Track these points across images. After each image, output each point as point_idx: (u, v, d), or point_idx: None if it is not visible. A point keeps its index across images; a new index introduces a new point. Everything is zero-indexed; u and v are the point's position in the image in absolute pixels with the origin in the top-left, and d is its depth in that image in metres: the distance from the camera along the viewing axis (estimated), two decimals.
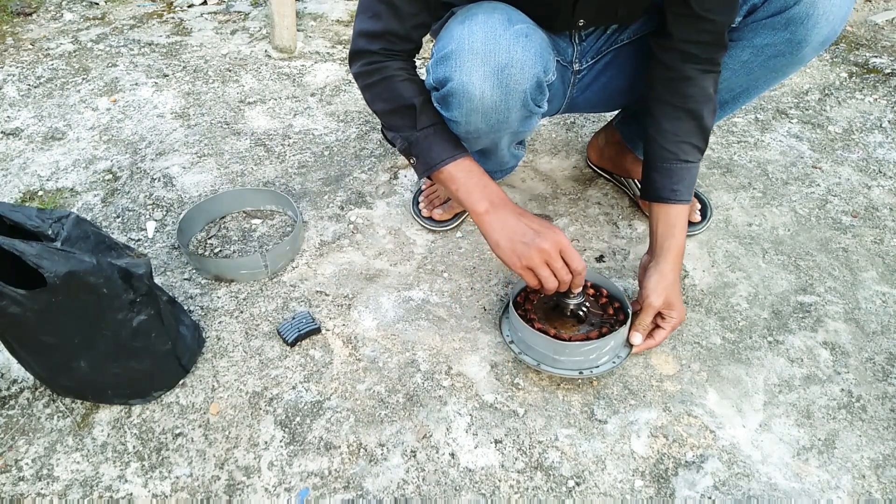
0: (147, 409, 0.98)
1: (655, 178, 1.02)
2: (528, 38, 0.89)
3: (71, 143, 1.62)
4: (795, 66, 0.99)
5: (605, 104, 1.23)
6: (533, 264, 0.90)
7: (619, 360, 0.98)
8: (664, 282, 0.99)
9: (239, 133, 1.65)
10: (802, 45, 0.95)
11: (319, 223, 1.34)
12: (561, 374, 0.97)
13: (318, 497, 0.87)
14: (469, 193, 0.93)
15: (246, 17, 2.34)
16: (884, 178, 1.44)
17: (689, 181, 1.01)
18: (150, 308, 0.92)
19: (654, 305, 0.99)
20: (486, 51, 0.87)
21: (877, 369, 1.02)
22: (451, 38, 0.89)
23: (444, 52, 0.89)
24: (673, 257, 1.01)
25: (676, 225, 1.01)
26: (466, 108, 0.91)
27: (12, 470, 0.90)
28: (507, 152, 1.16)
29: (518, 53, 0.87)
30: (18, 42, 2.16)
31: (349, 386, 1.01)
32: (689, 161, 1.01)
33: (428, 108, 0.94)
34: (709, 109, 0.99)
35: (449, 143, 0.95)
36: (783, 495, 0.86)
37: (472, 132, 0.97)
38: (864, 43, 2.03)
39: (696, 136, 1.00)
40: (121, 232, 1.33)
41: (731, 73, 1.04)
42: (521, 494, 0.87)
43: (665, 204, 1.02)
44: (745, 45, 0.99)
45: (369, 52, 0.94)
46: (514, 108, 0.93)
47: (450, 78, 0.89)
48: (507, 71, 0.87)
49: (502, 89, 0.89)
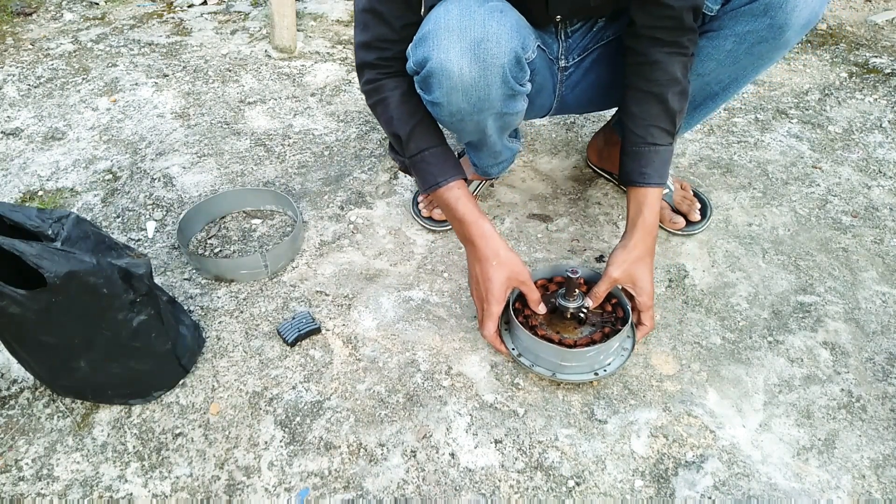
0: (147, 409, 0.98)
1: (626, 162, 1.04)
2: (504, 13, 0.90)
3: (71, 143, 1.62)
4: (780, 50, 0.99)
5: (597, 102, 1.23)
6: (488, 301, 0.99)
7: (625, 352, 1.00)
8: (628, 256, 1.00)
9: (239, 133, 1.65)
10: (784, 30, 0.95)
11: (319, 223, 1.34)
12: (579, 380, 0.97)
13: (318, 497, 0.87)
14: (452, 222, 1.03)
15: (246, 17, 2.34)
16: (884, 178, 1.44)
17: (658, 164, 1.01)
18: (150, 308, 0.92)
19: (611, 276, 1.00)
20: (462, 27, 0.88)
21: (877, 369, 1.02)
22: (428, 20, 0.91)
23: (421, 33, 0.92)
24: (641, 235, 1.01)
25: (645, 204, 1.02)
26: (447, 87, 0.92)
27: (12, 470, 0.90)
28: (500, 142, 1.16)
29: (493, 27, 0.88)
30: (18, 42, 2.16)
31: (349, 386, 1.01)
32: (657, 144, 1.01)
33: (415, 136, 1.00)
34: (674, 92, 0.99)
35: (436, 168, 1.01)
36: (783, 495, 0.86)
37: (456, 114, 0.97)
38: (864, 43, 2.03)
39: (664, 120, 1.00)
40: (121, 232, 1.33)
41: (716, 63, 1.04)
42: (521, 494, 0.87)
43: (636, 187, 1.02)
44: (727, 34, 0.99)
45: (369, 65, 1.00)
46: (493, 83, 0.93)
47: (428, 58, 0.90)
48: (484, 45, 0.88)
49: (480, 64, 0.89)
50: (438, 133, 1.03)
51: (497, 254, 0.97)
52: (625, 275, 1.00)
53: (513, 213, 1.35)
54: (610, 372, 0.97)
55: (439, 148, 1.01)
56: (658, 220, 1.04)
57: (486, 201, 1.39)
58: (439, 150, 1.01)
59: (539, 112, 1.21)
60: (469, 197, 1.00)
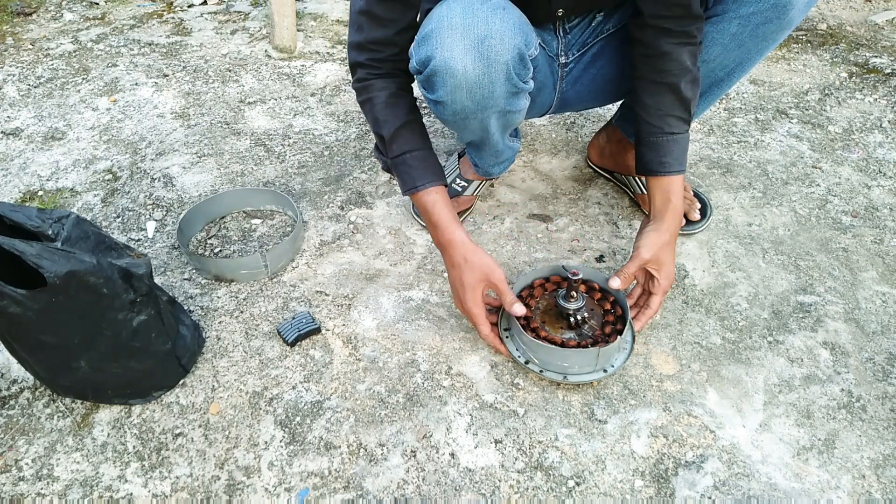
0: (147, 409, 0.98)
1: (644, 153, 1.04)
2: (506, 10, 0.90)
3: (71, 143, 1.62)
4: (785, 30, 1.00)
5: (598, 97, 1.23)
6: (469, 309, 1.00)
7: (628, 345, 1.01)
8: (659, 239, 1.01)
9: (239, 133, 1.65)
10: (789, 8, 0.95)
11: (319, 223, 1.34)
12: (591, 380, 0.97)
13: (318, 497, 0.87)
14: (429, 226, 1.03)
15: (246, 17, 2.34)
16: (884, 178, 1.44)
17: (677, 152, 1.02)
18: (150, 308, 0.92)
19: (643, 257, 1.00)
20: (465, 25, 0.88)
21: (877, 369, 1.02)
22: (430, 20, 0.91)
23: (424, 32, 0.92)
24: (671, 220, 1.02)
25: (671, 191, 1.02)
26: (451, 86, 0.92)
27: (12, 470, 0.90)
28: (501, 142, 1.16)
29: (497, 24, 0.88)
30: (18, 42, 2.16)
31: (349, 386, 1.01)
32: (674, 133, 1.01)
33: (399, 137, 1.01)
34: (686, 81, 0.99)
35: (417, 172, 1.01)
36: (783, 495, 0.86)
37: (460, 112, 0.97)
38: (864, 43, 2.03)
39: (679, 109, 1.01)
40: (121, 232, 1.33)
41: (721, 48, 1.04)
42: (521, 494, 0.87)
43: (658, 177, 1.03)
44: (732, 17, 1.00)
45: (360, 65, 1.00)
46: (497, 81, 0.93)
47: (432, 56, 0.90)
48: (487, 42, 0.88)
49: (484, 61, 0.90)
50: (423, 137, 1.03)
51: (466, 258, 0.98)
52: (654, 257, 1.00)
53: (513, 213, 1.35)
54: (617, 367, 0.98)
55: (422, 151, 1.02)
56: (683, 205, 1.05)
57: (486, 201, 1.39)
58: (422, 154, 1.02)
59: (540, 110, 1.21)
60: (446, 203, 1.01)
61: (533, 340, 0.96)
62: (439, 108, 0.97)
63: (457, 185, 1.33)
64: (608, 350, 0.95)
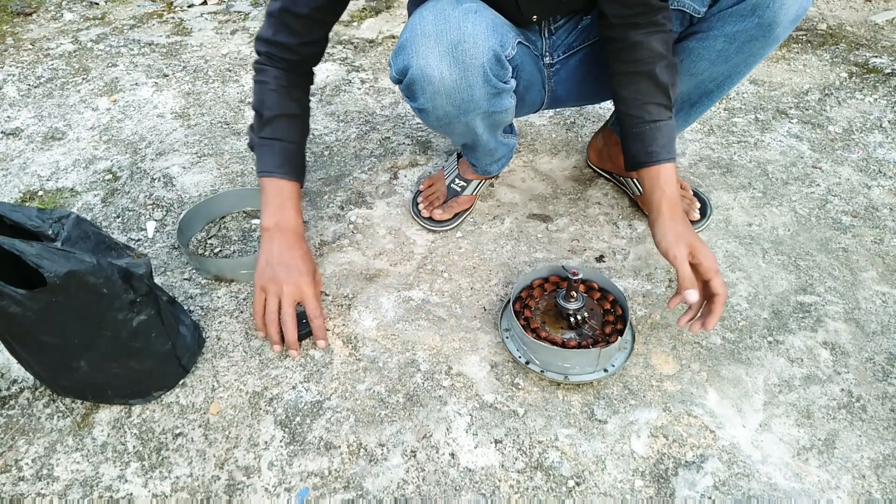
0: (147, 409, 0.98)
1: (630, 146, 1.00)
2: (478, 13, 0.91)
3: (71, 143, 1.62)
4: (771, 45, 0.99)
5: (590, 97, 1.23)
6: (268, 290, 1.02)
7: (628, 345, 1.01)
8: (673, 230, 0.94)
9: (239, 133, 1.65)
10: (773, 27, 0.95)
11: (319, 223, 1.34)
12: (593, 379, 0.97)
13: (318, 497, 0.87)
14: (265, 207, 1.05)
15: (246, 17, 2.34)
16: (884, 178, 1.44)
17: (662, 140, 0.97)
18: (150, 308, 0.92)
19: (680, 255, 0.91)
20: (438, 31, 0.89)
21: (877, 369, 1.02)
22: (405, 30, 0.93)
23: (400, 42, 0.94)
24: (668, 208, 0.95)
25: (661, 179, 0.96)
26: (430, 92, 0.93)
27: (12, 470, 0.90)
28: (493, 140, 1.16)
29: (469, 28, 0.89)
30: (18, 42, 2.16)
31: (349, 386, 1.01)
32: (657, 120, 0.97)
33: (276, 123, 1.04)
34: (661, 66, 0.96)
35: (279, 159, 1.05)
36: (783, 495, 0.86)
37: (443, 118, 0.98)
38: (864, 43, 2.03)
39: (657, 95, 0.97)
40: (121, 232, 1.33)
41: (708, 63, 1.04)
42: (521, 494, 0.87)
43: (647, 168, 0.98)
44: (717, 35, 0.99)
45: (262, 53, 1.06)
46: (475, 84, 0.93)
47: (409, 65, 0.92)
48: (461, 47, 0.89)
49: (459, 66, 0.90)
50: (299, 134, 1.08)
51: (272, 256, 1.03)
52: (686, 248, 0.92)
53: (513, 213, 1.35)
54: (618, 367, 0.98)
55: (293, 146, 1.07)
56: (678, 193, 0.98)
57: (486, 201, 1.39)
58: (292, 148, 1.06)
59: (531, 107, 1.21)
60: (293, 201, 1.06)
61: (534, 341, 0.96)
62: (423, 115, 0.98)
63: (456, 186, 1.33)
64: (609, 350, 0.96)
